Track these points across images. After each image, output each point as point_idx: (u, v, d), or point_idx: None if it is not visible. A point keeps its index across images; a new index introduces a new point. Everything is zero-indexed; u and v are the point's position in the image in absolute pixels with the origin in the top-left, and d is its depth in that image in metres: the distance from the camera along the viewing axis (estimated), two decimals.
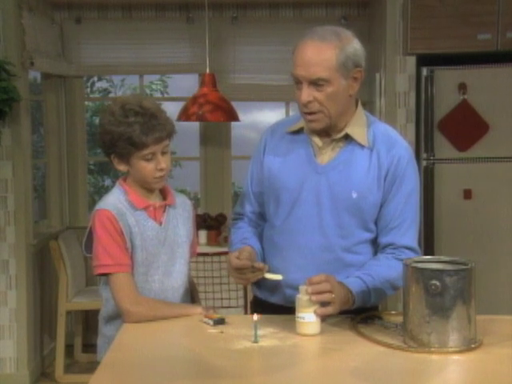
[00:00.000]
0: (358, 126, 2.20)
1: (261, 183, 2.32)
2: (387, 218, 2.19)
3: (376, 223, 2.21)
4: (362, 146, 2.18)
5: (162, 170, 2.17)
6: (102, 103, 8.32)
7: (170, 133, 2.17)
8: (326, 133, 2.20)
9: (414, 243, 2.22)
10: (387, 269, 2.15)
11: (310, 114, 2.13)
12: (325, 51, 2.07)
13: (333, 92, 2.09)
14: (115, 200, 2.19)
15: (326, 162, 2.20)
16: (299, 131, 2.25)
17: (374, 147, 2.18)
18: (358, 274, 2.13)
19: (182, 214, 2.31)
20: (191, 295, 2.40)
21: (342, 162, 2.18)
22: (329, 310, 1.98)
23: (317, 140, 2.22)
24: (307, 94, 2.10)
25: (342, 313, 2.07)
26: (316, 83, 2.08)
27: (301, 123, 2.24)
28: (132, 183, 2.22)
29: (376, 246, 2.24)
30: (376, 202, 2.17)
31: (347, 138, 2.20)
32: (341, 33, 2.13)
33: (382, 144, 2.19)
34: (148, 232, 2.19)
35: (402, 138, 2.29)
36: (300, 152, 2.23)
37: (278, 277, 2.12)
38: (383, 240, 2.21)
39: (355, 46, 2.13)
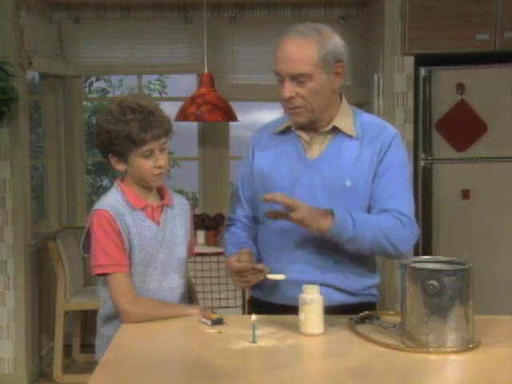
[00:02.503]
0: (345, 119, 2.22)
1: (252, 187, 2.33)
2: (378, 190, 2.17)
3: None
4: (351, 137, 2.20)
5: (160, 167, 2.17)
6: (100, 103, 8.32)
7: (167, 130, 2.18)
8: (312, 128, 2.22)
9: (406, 209, 2.16)
10: (376, 216, 2.13)
11: (293, 108, 2.16)
12: (306, 47, 2.09)
13: (315, 87, 2.11)
14: (113, 200, 2.19)
15: (316, 156, 2.21)
16: (286, 130, 2.27)
17: (363, 138, 2.20)
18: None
19: (179, 214, 2.31)
20: (189, 295, 2.40)
21: (332, 154, 2.20)
22: (281, 213, 2.02)
23: (304, 135, 2.23)
24: (289, 89, 2.12)
25: (342, 312, 2.09)
26: (297, 79, 2.10)
27: (287, 122, 2.26)
28: (130, 183, 2.22)
29: None
30: (369, 186, 2.18)
31: (335, 130, 2.21)
32: (321, 28, 2.14)
33: (371, 133, 2.21)
34: (146, 232, 2.19)
35: (388, 123, 2.31)
36: (289, 149, 2.25)
37: (280, 277, 2.12)
38: (375, 210, 2.18)
39: (336, 41, 2.14)
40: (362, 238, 2.09)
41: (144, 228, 2.19)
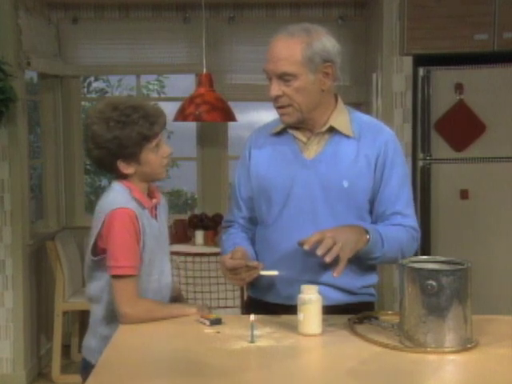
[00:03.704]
0: (341, 119, 2.23)
1: (249, 188, 2.33)
2: (384, 203, 2.22)
3: (370, 211, 2.24)
4: (348, 137, 2.21)
5: (168, 156, 2.18)
6: None
7: (165, 117, 2.19)
8: (307, 128, 2.23)
9: (415, 223, 2.26)
10: (395, 229, 2.19)
11: (281, 107, 2.18)
12: (291, 46, 2.12)
13: (300, 86, 2.13)
14: (126, 199, 2.14)
15: (313, 156, 2.22)
16: (283, 131, 2.27)
17: (360, 137, 2.22)
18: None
19: (163, 212, 2.31)
20: (176, 291, 2.41)
21: (329, 154, 2.21)
22: (341, 266, 2.01)
23: (300, 136, 2.24)
24: (276, 88, 2.15)
25: (341, 312, 2.10)
26: (283, 78, 2.13)
27: (283, 124, 2.26)
28: (136, 182, 2.18)
29: None
30: (367, 188, 2.20)
31: (331, 130, 2.22)
32: (311, 29, 2.16)
33: (368, 133, 2.23)
34: (153, 231, 2.18)
35: (384, 124, 2.33)
36: (286, 150, 2.25)
37: (273, 272, 2.13)
38: (385, 223, 2.23)
39: (325, 41, 2.15)
40: (385, 256, 2.18)
41: (152, 227, 2.18)
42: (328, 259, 1.99)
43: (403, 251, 2.18)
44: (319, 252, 1.99)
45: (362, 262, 2.23)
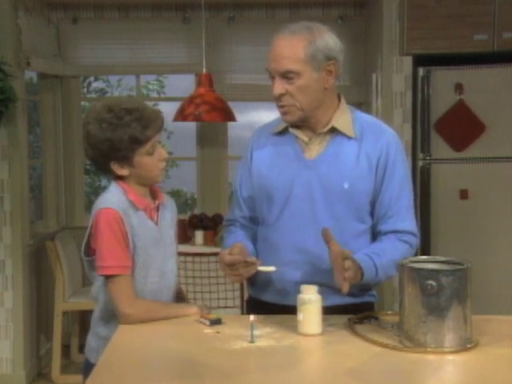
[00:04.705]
0: (344, 119, 2.22)
1: (250, 188, 2.33)
2: (385, 205, 2.21)
3: (371, 213, 2.24)
4: (349, 138, 2.21)
5: (165, 159, 2.17)
6: None
7: (162, 120, 2.18)
8: (309, 128, 2.22)
9: (414, 228, 2.26)
10: (392, 249, 2.19)
11: (284, 106, 2.17)
12: (294, 44, 2.12)
13: (303, 84, 2.13)
14: (117, 200, 2.14)
15: (314, 157, 2.21)
16: (284, 131, 2.27)
17: (362, 138, 2.21)
18: (364, 251, 2.15)
19: (170, 214, 2.30)
20: (179, 293, 2.40)
21: (330, 155, 2.20)
22: (346, 285, 2.01)
23: (302, 136, 2.23)
24: (279, 86, 2.14)
25: (341, 312, 2.10)
26: (286, 76, 2.13)
27: (285, 123, 2.26)
28: (132, 183, 2.18)
29: (370, 239, 2.26)
30: (368, 190, 2.20)
31: (333, 131, 2.22)
32: (313, 27, 2.16)
33: (370, 134, 2.22)
34: (148, 233, 2.17)
35: (387, 125, 2.33)
36: (287, 150, 2.25)
37: (270, 268, 2.13)
38: (383, 227, 2.23)
39: (327, 39, 2.15)
40: (381, 280, 2.21)
41: (146, 229, 2.17)
42: (347, 275, 1.99)
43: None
44: (344, 289, 2.00)
45: None
